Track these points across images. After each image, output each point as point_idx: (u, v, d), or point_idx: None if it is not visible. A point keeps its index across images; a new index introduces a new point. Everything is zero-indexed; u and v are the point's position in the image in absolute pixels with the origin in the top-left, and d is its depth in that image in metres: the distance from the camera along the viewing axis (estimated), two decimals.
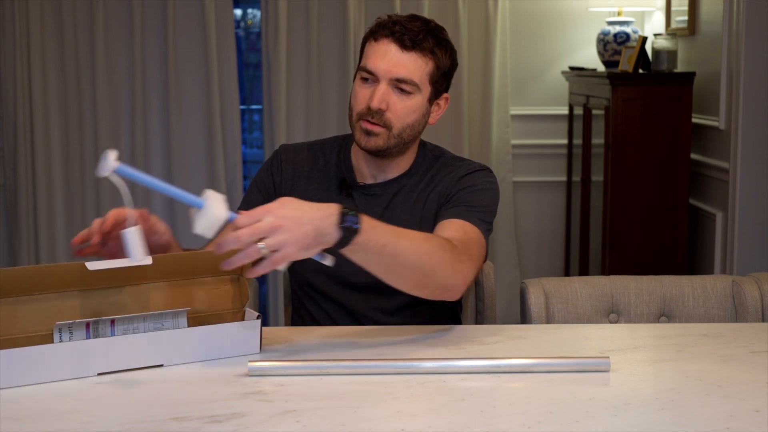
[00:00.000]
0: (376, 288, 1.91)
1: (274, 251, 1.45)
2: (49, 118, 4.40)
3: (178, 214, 4.50)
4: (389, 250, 1.59)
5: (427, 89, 1.90)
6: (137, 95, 4.41)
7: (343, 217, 1.51)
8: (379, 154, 1.92)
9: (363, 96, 1.88)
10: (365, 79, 1.88)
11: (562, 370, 1.51)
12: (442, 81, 1.93)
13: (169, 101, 4.42)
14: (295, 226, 1.46)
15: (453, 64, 1.95)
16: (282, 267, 1.48)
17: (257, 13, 4.94)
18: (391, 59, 1.86)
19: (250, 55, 5.42)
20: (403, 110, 1.87)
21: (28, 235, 4.44)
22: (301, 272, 1.98)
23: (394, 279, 1.66)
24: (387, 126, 1.87)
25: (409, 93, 1.87)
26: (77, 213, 4.48)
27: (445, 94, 1.96)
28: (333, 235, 1.50)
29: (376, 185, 1.97)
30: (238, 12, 5.11)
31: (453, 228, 1.80)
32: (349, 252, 1.55)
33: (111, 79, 4.41)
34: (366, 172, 1.98)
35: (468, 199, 1.89)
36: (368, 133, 1.88)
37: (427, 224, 1.93)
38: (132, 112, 4.44)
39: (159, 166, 4.49)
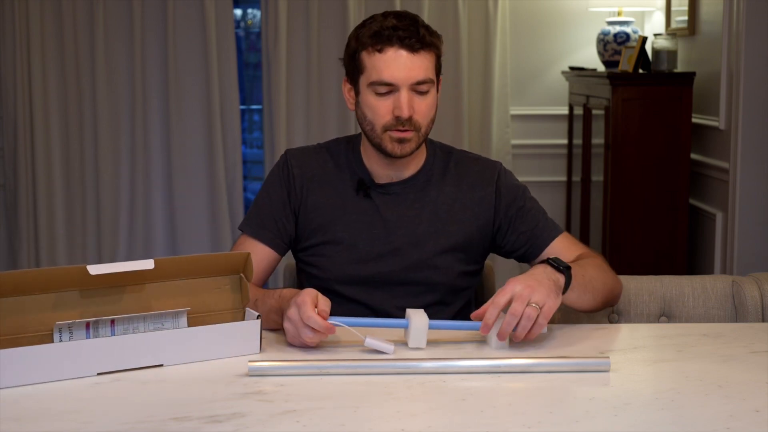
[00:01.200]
0: (403, 289, 1.93)
1: (542, 307, 1.62)
2: (49, 118, 4.41)
3: (178, 211, 4.51)
4: (587, 278, 1.80)
5: (435, 81, 1.93)
6: (137, 95, 4.41)
7: (554, 265, 1.72)
8: (409, 156, 1.93)
9: (385, 108, 1.88)
10: (381, 93, 1.87)
11: (562, 370, 1.51)
12: (440, 66, 1.96)
13: (169, 101, 4.42)
14: (539, 285, 1.65)
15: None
16: (545, 328, 1.66)
17: (257, 13, 4.94)
18: (405, 65, 1.86)
19: (250, 55, 5.42)
20: (426, 108, 1.90)
21: (28, 235, 4.44)
22: (326, 275, 1.96)
23: (593, 304, 1.85)
24: (417, 128, 1.89)
25: (427, 92, 1.89)
26: (77, 213, 4.48)
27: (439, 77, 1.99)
28: (561, 279, 1.71)
29: (394, 184, 1.97)
30: (238, 12, 5.11)
31: (568, 245, 1.97)
32: (571, 291, 1.74)
33: (111, 79, 4.41)
34: (382, 173, 1.97)
35: (537, 207, 2.03)
36: (401, 141, 1.89)
37: (458, 224, 1.97)
38: (132, 112, 4.44)
39: (159, 166, 4.50)
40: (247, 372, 1.48)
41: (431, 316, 1.96)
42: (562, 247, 1.96)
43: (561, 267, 1.71)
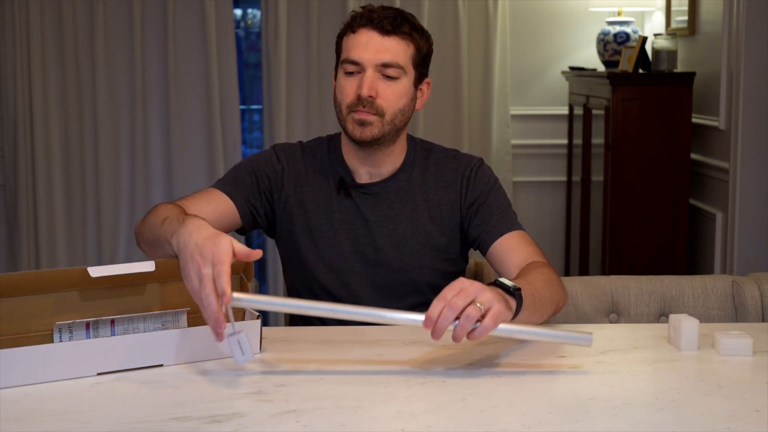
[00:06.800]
0: (387, 290, 1.92)
1: (488, 309, 1.46)
2: (49, 118, 4.41)
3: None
4: (537, 297, 1.66)
5: (411, 72, 1.92)
6: (137, 95, 4.41)
7: (503, 286, 1.56)
8: (374, 144, 1.91)
9: (350, 87, 1.89)
10: (350, 73, 1.89)
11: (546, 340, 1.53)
12: (422, 64, 1.95)
13: (169, 101, 4.42)
14: (489, 289, 1.49)
15: (430, 48, 1.97)
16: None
17: (257, 13, 4.94)
18: (374, 46, 1.87)
19: (250, 55, 5.42)
20: (392, 95, 1.89)
21: (28, 235, 4.44)
22: (313, 275, 1.96)
23: (540, 320, 1.70)
24: (379, 113, 1.88)
25: (395, 78, 1.89)
26: (77, 213, 4.48)
27: (426, 80, 1.98)
28: (512, 301, 1.55)
29: (374, 184, 1.97)
30: (238, 12, 5.11)
31: (519, 244, 1.90)
32: (521, 313, 1.57)
33: (111, 79, 4.41)
34: (361, 170, 1.97)
35: (499, 204, 1.97)
36: (362, 123, 1.88)
37: (438, 224, 1.96)
38: (132, 112, 4.44)
39: (159, 166, 4.50)
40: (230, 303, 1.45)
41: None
42: (514, 244, 1.91)
43: (511, 288, 1.56)
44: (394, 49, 1.88)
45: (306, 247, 1.96)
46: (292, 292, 2.04)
